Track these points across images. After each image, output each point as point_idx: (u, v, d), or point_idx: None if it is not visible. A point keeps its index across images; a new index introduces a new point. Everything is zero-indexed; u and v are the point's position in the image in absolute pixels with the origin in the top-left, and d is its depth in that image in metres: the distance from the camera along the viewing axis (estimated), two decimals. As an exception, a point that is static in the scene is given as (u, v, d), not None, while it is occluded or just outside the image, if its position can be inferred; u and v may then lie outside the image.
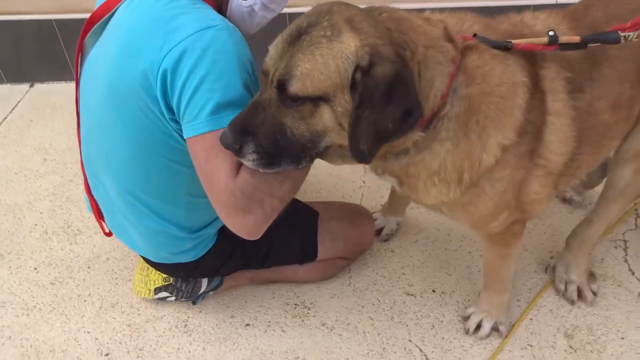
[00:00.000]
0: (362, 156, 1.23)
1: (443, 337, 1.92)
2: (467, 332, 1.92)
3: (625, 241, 2.22)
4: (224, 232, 1.82)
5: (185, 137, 1.40)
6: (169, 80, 1.36)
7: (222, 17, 1.45)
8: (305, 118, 1.24)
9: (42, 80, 3.48)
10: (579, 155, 1.53)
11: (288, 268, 2.02)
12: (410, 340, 1.91)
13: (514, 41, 1.36)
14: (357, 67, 1.18)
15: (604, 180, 1.95)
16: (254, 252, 1.88)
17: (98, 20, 1.59)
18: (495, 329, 1.91)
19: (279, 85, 1.21)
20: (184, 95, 1.35)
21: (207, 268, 1.88)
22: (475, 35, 1.36)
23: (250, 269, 1.99)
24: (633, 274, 2.09)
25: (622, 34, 1.37)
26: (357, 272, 2.17)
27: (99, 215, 1.83)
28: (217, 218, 1.77)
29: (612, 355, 1.83)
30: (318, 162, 1.41)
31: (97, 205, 1.79)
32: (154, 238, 1.72)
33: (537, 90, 1.40)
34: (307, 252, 1.97)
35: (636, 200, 1.92)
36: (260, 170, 1.29)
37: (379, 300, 2.05)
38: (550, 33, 1.36)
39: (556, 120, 1.44)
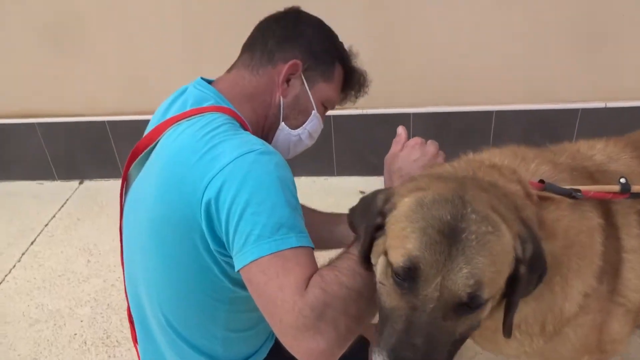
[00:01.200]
0: (511, 332, 1.18)
1: None
2: None
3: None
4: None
5: (237, 269, 1.32)
6: (214, 210, 1.33)
7: (263, 141, 1.44)
8: (475, 316, 1.13)
9: (91, 177, 3.59)
10: None
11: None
12: None
13: (582, 189, 1.29)
14: (518, 260, 1.11)
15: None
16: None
17: (142, 150, 1.60)
18: None
19: (469, 299, 1.07)
20: (230, 224, 1.31)
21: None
22: (542, 181, 1.29)
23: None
24: None
25: None
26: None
27: (136, 340, 1.78)
28: (257, 351, 1.69)
29: None
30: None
31: (134, 330, 1.75)
32: None
33: (610, 227, 1.34)
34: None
35: None
36: None
37: None
38: (622, 180, 1.30)
39: (632, 257, 1.36)
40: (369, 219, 1.21)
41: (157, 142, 1.59)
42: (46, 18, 3.17)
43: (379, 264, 1.18)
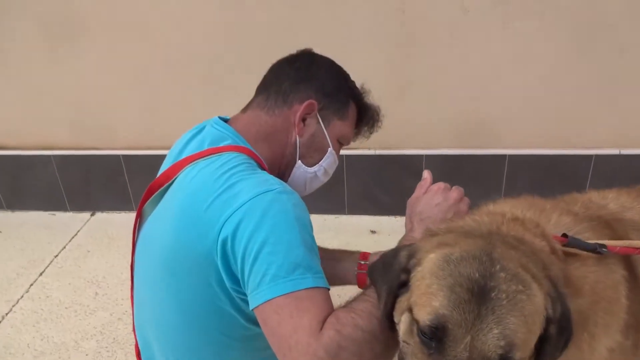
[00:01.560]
0: None
1: None
2: None
3: None
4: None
5: (251, 308, 1.31)
6: (229, 247, 1.33)
7: (281, 181, 1.45)
8: None
9: (103, 209, 3.62)
10: None
11: None
12: None
13: (608, 245, 1.26)
14: (549, 320, 1.08)
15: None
16: None
17: (158, 188, 1.62)
18: None
19: (502, 355, 1.03)
20: (246, 263, 1.30)
21: None
22: (565, 235, 1.26)
23: None
24: None
25: None
26: None
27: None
28: None
29: None
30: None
31: None
32: None
33: (634, 279, 1.31)
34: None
35: None
36: None
37: None
38: None
39: None
40: (391, 276, 1.19)
41: (174, 181, 1.60)
42: (63, 40, 3.25)
43: (402, 322, 1.15)
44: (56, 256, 3.20)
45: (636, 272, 1.32)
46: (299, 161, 1.71)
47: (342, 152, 3.24)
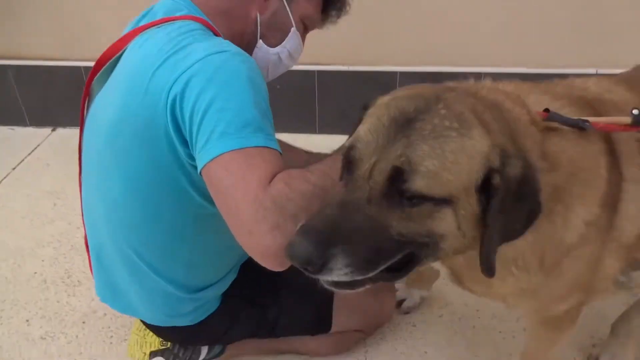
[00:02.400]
0: (492, 270, 1.07)
1: None
2: None
3: (679, 331, 1.97)
4: (228, 296, 1.66)
5: (200, 169, 1.23)
6: (178, 108, 1.24)
7: (238, 47, 1.35)
8: (420, 220, 1.03)
9: (64, 125, 3.46)
10: None
11: (298, 339, 1.83)
12: None
13: (591, 120, 1.21)
14: (492, 170, 1.02)
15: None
16: (260, 319, 1.70)
17: (106, 61, 1.50)
18: None
19: (393, 179, 1.00)
20: (194, 121, 1.22)
21: (208, 335, 1.70)
22: (547, 110, 1.21)
23: (257, 338, 1.79)
24: (690, 369, 1.84)
25: None
26: (373, 347, 1.95)
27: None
28: (219, 280, 1.61)
29: None
30: None
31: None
32: (150, 297, 1.56)
33: (613, 154, 1.27)
34: (320, 323, 1.78)
35: None
36: (353, 278, 1.02)
37: (397, 382, 1.83)
38: (635, 112, 1.21)
39: (631, 187, 1.29)
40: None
41: (122, 53, 1.49)
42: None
43: None
44: (14, 169, 3.07)
45: (616, 148, 1.27)
46: (260, 41, 1.60)
47: (314, 67, 3.19)
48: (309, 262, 0.97)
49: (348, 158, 1.04)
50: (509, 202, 1.02)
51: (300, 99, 3.18)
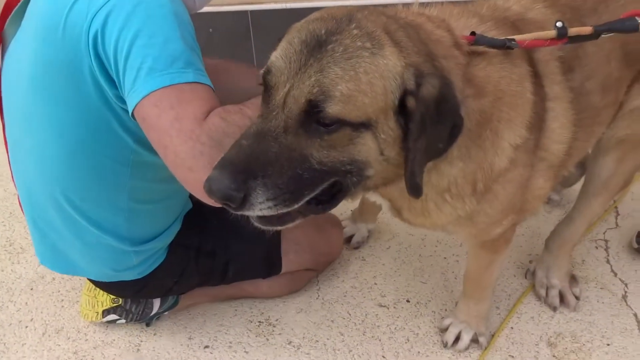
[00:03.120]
0: (418, 190, 1.06)
1: (419, 352, 1.78)
2: (445, 344, 1.78)
3: (606, 241, 2.11)
4: (175, 247, 1.65)
5: (131, 111, 1.19)
6: (100, 46, 1.18)
7: None
8: (340, 146, 1.02)
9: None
10: (574, 142, 1.42)
11: (250, 283, 1.86)
12: (383, 357, 1.77)
13: (517, 38, 1.21)
14: (406, 92, 1.00)
15: (582, 178, 1.85)
16: (209, 267, 1.72)
17: (16, 3, 1.40)
18: (474, 340, 1.78)
19: (309, 107, 0.97)
20: (119, 59, 1.17)
21: (158, 287, 1.71)
22: (473, 33, 1.20)
23: (208, 286, 1.81)
24: (616, 275, 1.99)
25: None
26: (325, 283, 2.01)
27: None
28: (164, 231, 1.60)
29: (598, 363, 1.72)
30: None
31: None
32: (93, 252, 1.54)
33: (537, 77, 1.29)
34: (270, 266, 1.81)
35: (619, 193, 1.84)
36: (277, 212, 1.01)
37: (350, 314, 1.90)
38: (558, 24, 1.21)
39: (556, 105, 1.33)
40: None
41: None
42: None
43: None
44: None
45: (539, 69, 1.30)
46: None
47: (247, 7, 3.09)
48: (229, 198, 0.96)
49: (265, 85, 1.03)
50: (428, 123, 1.02)
51: (235, 42, 3.08)
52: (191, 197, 1.74)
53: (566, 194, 2.27)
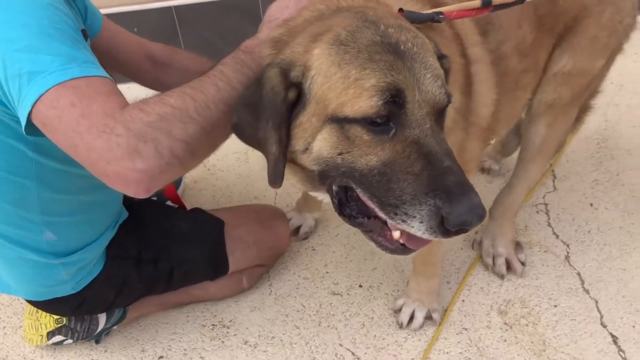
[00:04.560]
0: None
1: (375, 335, 1.79)
2: (400, 325, 1.80)
3: (546, 204, 2.17)
4: (112, 257, 1.60)
5: (25, 119, 1.10)
6: None
7: None
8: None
9: None
10: (500, 106, 1.44)
11: (198, 287, 1.82)
12: (341, 345, 1.77)
13: (444, 11, 1.22)
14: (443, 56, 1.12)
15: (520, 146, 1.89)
16: (153, 276, 1.66)
17: None
18: (428, 317, 1.80)
19: (448, 97, 1.04)
20: None
21: (99, 301, 1.64)
22: (401, 10, 1.20)
23: (155, 295, 1.76)
24: (557, 237, 2.04)
25: None
26: (277, 278, 1.99)
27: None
28: (93, 241, 1.53)
29: (547, 325, 1.77)
30: (227, 164, 1.15)
31: None
32: (17, 269, 1.48)
33: (458, 39, 1.31)
34: (216, 267, 1.77)
35: (554, 157, 1.88)
36: None
37: (304, 306, 1.89)
38: None
39: (479, 67, 1.35)
40: (273, 106, 1.02)
41: None
42: None
43: (322, 139, 1.02)
44: None
45: (459, 32, 1.32)
46: None
47: (170, 2, 2.99)
48: (485, 213, 0.99)
49: (392, 110, 0.98)
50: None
51: (162, 39, 2.98)
52: (126, 203, 1.68)
53: (505, 163, 2.31)
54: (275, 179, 1.08)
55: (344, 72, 0.99)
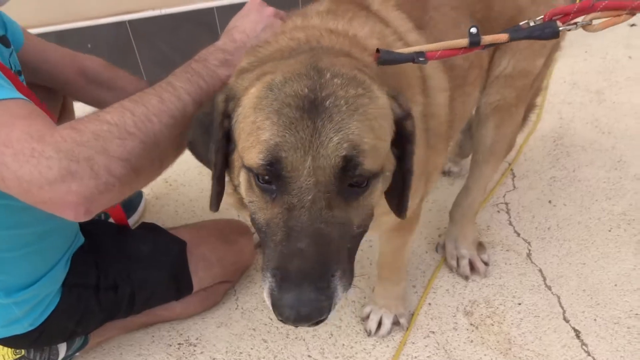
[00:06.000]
0: (406, 209, 1.10)
1: (343, 344, 1.79)
2: (368, 333, 1.80)
3: (506, 204, 2.20)
4: (69, 288, 1.55)
5: None
6: None
7: None
8: (364, 200, 0.96)
9: None
10: (452, 103, 1.42)
11: (163, 307, 1.79)
12: (309, 356, 1.76)
13: (426, 50, 1.11)
14: (401, 118, 1.00)
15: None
16: (114, 302, 1.62)
17: None
18: (395, 322, 1.81)
19: (345, 165, 0.89)
20: None
21: (58, 332, 1.59)
22: (378, 50, 1.12)
23: (117, 319, 1.72)
24: (519, 235, 2.08)
25: (561, 26, 1.11)
26: (243, 292, 1.97)
27: None
28: (44, 275, 1.48)
29: (512, 323, 1.79)
30: (188, 179, 1.13)
31: None
32: None
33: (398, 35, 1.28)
34: (179, 287, 1.74)
35: (506, 156, 1.91)
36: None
37: (271, 319, 1.88)
38: (472, 30, 1.11)
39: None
40: (214, 129, 0.99)
41: None
42: None
43: (241, 182, 0.99)
44: None
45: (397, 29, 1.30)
46: None
47: (124, 17, 2.94)
48: (322, 313, 0.86)
49: (274, 173, 0.90)
50: (413, 135, 1.02)
51: (118, 53, 2.94)
52: (82, 230, 1.64)
53: (464, 165, 2.34)
54: (211, 201, 1.06)
55: (253, 117, 0.94)
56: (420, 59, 1.09)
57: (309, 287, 0.85)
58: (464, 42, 1.11)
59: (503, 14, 1.49)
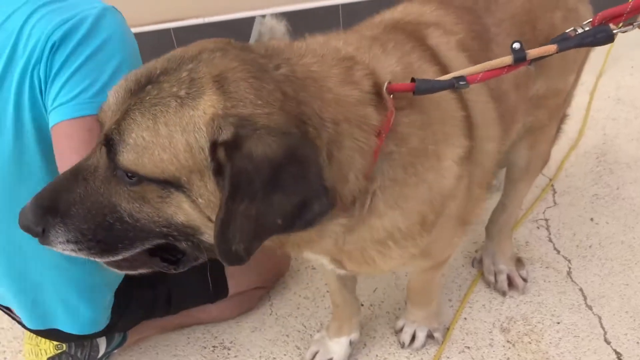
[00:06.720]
0: (236, 258, 0.91)
1: (377, 355, 1.78)
2: (402, 345, 1.78)
3: (546, 220, 2.16)
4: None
5: (55, 122, 1.19)
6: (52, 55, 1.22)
7: None
8: (151, 203, 0.93)
9: None
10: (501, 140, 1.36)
11: (199, 309, 1.81)
12: (342, 365, 1.75)
13: (466, 75, 1.02)
14: (217, 143, 0.86)
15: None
16: (153, 300, 1.66)
17: None
18: (430, 336, 1.79)
19: (108, 149, 0.91)
20: (65, 70, 1.20)
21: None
22: (413, 79, 1.02)
23: (154, 318, 1.75)
24: (559, 252, 2.03)
25: (615, 29, 1.00)
26: (277, 298, 1.98)
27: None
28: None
29: (550, 342, 1.75)
30: None
31: None
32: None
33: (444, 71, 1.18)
34: (216, 290, 1.76)
35: (541, 170, 1.88)
36: (81, 255, 0.97)
37: (305, 326, 1.88)
38: (516, 46, 1.01)
39: (476, 98, 1.22)
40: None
41: None
42: None
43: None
44: None
45: (446, 64, 1.21)
46: None
47: (168, 24, 3.02)
48: (27, 229, 0.95)
49: (98, 119, 0.99)
50: (260, 189, 0.85)
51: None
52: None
53: (501, 176, 2.31)
54: None
55: None
56: (461, 82, 1.01)
57: (32, 204, 0.96)
58: (507, 59, 1.02)
59: (543, 32, 1.44)
